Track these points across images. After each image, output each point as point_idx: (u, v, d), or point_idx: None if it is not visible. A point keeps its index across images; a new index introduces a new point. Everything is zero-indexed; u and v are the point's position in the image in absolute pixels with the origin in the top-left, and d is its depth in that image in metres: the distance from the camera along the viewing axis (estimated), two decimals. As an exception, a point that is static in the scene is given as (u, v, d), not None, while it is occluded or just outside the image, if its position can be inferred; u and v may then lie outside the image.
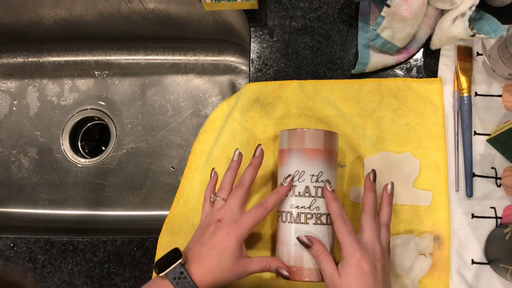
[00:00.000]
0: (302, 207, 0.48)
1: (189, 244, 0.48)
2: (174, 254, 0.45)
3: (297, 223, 0.47)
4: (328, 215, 0.48)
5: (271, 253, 0.55)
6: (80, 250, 0.59)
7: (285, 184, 0.48)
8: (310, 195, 0.48)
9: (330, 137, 0.50)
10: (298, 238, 0.46)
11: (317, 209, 0.47)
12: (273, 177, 0.57)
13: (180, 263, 0.44)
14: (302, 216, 0.47)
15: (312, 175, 0.48)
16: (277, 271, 0.46)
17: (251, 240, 0.55)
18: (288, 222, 0.48)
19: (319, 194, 0.48)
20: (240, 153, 0.52)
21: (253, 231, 0.48)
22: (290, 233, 0.48)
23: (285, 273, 0.46)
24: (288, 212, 0.48)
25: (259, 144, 0.51)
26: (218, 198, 0.49)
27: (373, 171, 0.50)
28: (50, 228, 0.77)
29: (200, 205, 0.58)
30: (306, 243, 0.46)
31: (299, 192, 0.48)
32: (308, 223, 0.47)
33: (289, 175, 0.49)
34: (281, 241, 0.49)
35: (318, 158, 0.48)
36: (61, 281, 0.58)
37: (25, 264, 0.59)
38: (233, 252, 0.45)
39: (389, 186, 0.50)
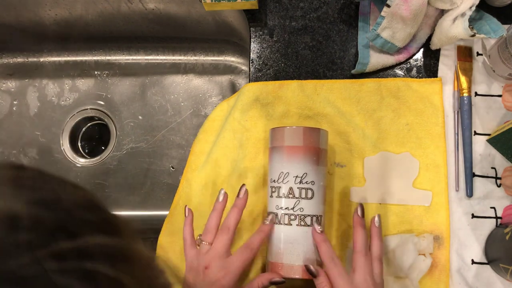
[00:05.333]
0: (286, 208, 0.48)
1: None
2: None
3: (281, 224, 0.48)
4: (312, 216, 0.48)
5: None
6: (80, 250, 0.59)
7: (267, 223, 0.48)
8: (294, 197, 0.48)
9: (311, 133, 0.49)
10: (306, 266, 0.46)
11: (301, 210, 0.48)
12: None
13: None
14: (286, 217, 0.48)
15: (296, 176, 0.48)
16: (271, 282, 0.46)
17: None
18: (273, 223, 0.49)
19: (303, 196, 0.48)
20: (225, 193, 0.51)
21: None
22: (276, 233, 0.49)
23: (279, 278, 0.46)
24: (273, 213, 0.49)
25: (243, 185, 0.50)
26: (203, 242, 0.48)
27: (361, 206, 0.49)
28: (50, 228, 0.77)
29: (200, 205, 0.58)
30: (313, 273, 0.46)
31: (283, 194, 0.48)
32: (291, 224, 0.48)
33: (271, 213, 0.49)
34: (268, 240, 0.50)
35: (298, 155, 0.49)
36: (61, 281, 0.58)
37: (25, 264, 0.59)
38: None
39: (376, 219, 0.49)
